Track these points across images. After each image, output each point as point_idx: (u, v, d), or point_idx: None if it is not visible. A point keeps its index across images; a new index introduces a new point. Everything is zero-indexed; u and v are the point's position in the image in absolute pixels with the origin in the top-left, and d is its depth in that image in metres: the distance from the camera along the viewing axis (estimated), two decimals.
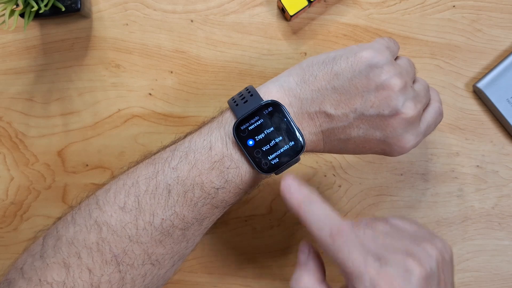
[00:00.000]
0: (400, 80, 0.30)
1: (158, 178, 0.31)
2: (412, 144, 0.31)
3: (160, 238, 0.31)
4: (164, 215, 0.30)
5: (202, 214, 0.32)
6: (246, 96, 0.31)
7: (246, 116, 0.30)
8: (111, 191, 0.32)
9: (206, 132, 0.32)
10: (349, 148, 0.32)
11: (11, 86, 0.42)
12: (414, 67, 0.34)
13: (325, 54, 0.32)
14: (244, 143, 0.30)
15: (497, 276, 0.43)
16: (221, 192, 0.31)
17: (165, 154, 0.32)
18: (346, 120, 0.30)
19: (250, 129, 0.30)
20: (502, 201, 0.43)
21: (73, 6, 0.38)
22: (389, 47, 0.32)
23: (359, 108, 0.30)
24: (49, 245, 0.31)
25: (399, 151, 0.31)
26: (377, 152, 0.32)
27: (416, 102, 0.31)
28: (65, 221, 0.32)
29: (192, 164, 0.31)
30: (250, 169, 0.31)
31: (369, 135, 0.31)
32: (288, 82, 0.32)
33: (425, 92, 0.33)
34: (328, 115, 0.30)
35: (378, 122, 0.30)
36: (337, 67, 0.30)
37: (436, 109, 0.33)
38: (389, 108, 0.30)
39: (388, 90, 0.29)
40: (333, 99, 0.30)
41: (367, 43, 0.32)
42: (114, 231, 0.30)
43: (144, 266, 0.31)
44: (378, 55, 0.30)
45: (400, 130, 0.30)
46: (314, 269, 0.30)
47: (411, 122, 0.30)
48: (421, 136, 0.32)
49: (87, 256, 0.30)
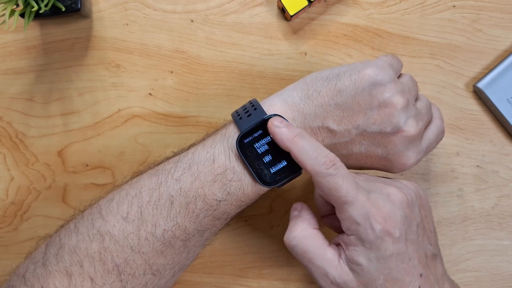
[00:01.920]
0: (403, 98, 0.30)
1: (161, 189, 0.31)
2: (413, 162, 0.32)
3: (162, 248, 0.31)
4: (166, 226, 0.31)
5: (203, 225, 0.32)
6: (249, 110, 0.32)
7: (249, 130, 0.31)
8: (114, 201, 0.32)
9: (209, 145, 0.32)
10: (350, 163, 0.33)
11: (11, 86, 0.42)
12: (417, 84, 0.34)
13: (329, 70, 0.32)
14: (247, 156, 0.31)
15: (497, 276, 0.43)
16: (223, 204, 0.31)
17: (168, 165, 0.32)
18: (348, 136, 0.31)
19: (253, 143, 0.31)
20: (502, 201, 0.43)
21: (73, 6, 0.38)
22: (392, 65, 0.32)
23: (361, 125, 0.30)
24: (52, 253, 0.31)
25: (400, 167, 0.32)
26: (378, 168, 0.33)
27: (418, 120, 0.31)
28: (68, 229, 0.32)
29: (195, 176, 0.31)
30: (253, 182, 0.31)
31: (370, 151, 0.31)
32: (292, 97, 0.32)
33: (427, 110, 0.33)
34: (330, 130, 0.31)
35: (380, 139, 0.31)
36: (341, 83, 0.31)
37: (437, 127, 0.34)
38: (391, 125, 0.30)
39: (390, 108, 0.30)
40: (336, 115, 0.31)
41: (371, 60, 0.32)
42: (117, 241, 0.30)
43: (145, 276, 0.31)
44: (381, 73, 0.30)
45: (401, 148, 0.31)
46: (308, 218, 0.31)
47: (413, 139, 0.31)
48: (422, 153, 0.32)
49: (89, 265, 0.30)
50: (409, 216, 0.28)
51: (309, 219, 0.31)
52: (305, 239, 0.29)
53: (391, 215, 0.27)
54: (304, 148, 0.29)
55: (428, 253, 0.29)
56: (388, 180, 0.31)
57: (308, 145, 0.29)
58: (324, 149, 0.29)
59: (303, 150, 0.29)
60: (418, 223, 0.29)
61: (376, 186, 0.29)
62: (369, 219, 0.27)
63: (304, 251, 0.29)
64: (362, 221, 0.27)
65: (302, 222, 0.30)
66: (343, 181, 0.28)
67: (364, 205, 0.27)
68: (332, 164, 0.28)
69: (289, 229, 0.31)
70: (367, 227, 0.27)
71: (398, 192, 0.29)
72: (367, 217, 0.27)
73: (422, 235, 0.29)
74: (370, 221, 0.27)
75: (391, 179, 0.32)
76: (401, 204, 0.28)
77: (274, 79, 0.43)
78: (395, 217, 0.27)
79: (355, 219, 0.27)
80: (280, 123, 0.30)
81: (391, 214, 0.27)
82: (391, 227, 0.27)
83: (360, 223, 0.27)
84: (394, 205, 0.28)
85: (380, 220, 0.27)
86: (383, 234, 0.27)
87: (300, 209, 0.31)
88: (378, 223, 0.27)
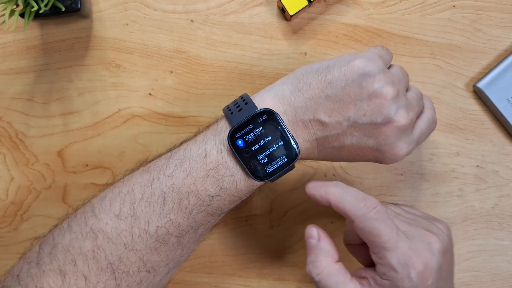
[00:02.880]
0: (393, 89, 0.30)
1: (153, 186, 0.31)
2: (405, 152, 0.32)
3: (155, 245, 0.31)
4: (159, 223, 0.31)
5: (197, 221, 0.32)
6: (240, 104, 0.32)
7: (241, 124, 0.31)
8: (107, 198, 0.32)
9: (201, 140, 0.32)
10: (342, 156, 0.33)
11: (11, 86, 0.42)
12: (407, 75, 0.34)
13: (319, 63, 0.32)
14: (238, 151, 0.31)
15: (497, 276, 0.43)
16: (216, 199, 0.31)
17: (160, 162, 0.32)
18: (339, 128, 0.31)
19: (245, 137, 0.31)
20: (502, 201, 0.43)
21: (73, 6, 0.38)
22: (381, 56, 0.32)
23: (352, 116, 0.30)
24: (45, 252, 0.31)
25: (392, 158, 0.32)
26: (370, 160, 0.33)
27: (409, 110, 0.31)
28: (61, 228, 0.32)
29: (187, 172, 0.31)
30: (245, 177, 0.31)
31: (362, 143, 0.31)
32: (282, 91, 0.32)
33: (418, 100, 0.33)
34: (322, 123, 0.31)
35: (371, 130, 0.30)
36: (331, 75, 0.31)
37: (429, 117, 0.33)
38: (382, 116, 0.30)
39: (380, 99, 0.30)
40: (327, 107, 0.31)
41: (360, 52, 0.32)
42: (110, 239, 0.30)
43: (140, 273, 0.31)
44: (371, 64, 0.30)
45: (392, 138, 0.31)
46: (328, 249, 0.31)
47: (404, 130, 0.31)
48: (414, 144, 0.32)
49: (82, 263, 0.30)
50: (443, 263, 0.29)
51: (331, 252, 0.31)
52: (329, 276, 0.30)
53: (429, 265, 0.28)
54: (342, 194, 0.30)
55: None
56: (426, 223, 0.32)
57: (347, 190, 0.30)
58: (363, 195, 0.30)
59: (341, 196, 0.30)
60: (448, 268, 0.30)
61: (418, 232, 0.30)
62: (408, 268, 0.28)
63: (326, 286, 0.30)
64: (401, 270, 0.28)
65: (325, 257, 0.31)
66: (385, 227, 0.28)
67: (405, 254, 0.28)
68: (373, 208, 0.29)
69: (312, 262, 0.31)
70: (405, 277, 0.28)
71: (438, 242, 0.30)
72: (407, 266, 0.28)
73: (450, 279, 0.30)
74: (409, 271, 0.28)
75: (429, 219, 0.33)
76: (439, 253, 0.29)
77: (274, 79, 0.43)
78: (432, 266, 0.28)
79: (395, 267, 0.28)
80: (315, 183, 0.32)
81: (430, 263, 0.28)
82: (427, 276, 0.28)
83: (398, 272, 0.28)
84: (433, 255, 0.29)
85: (419, 269, 0.28)
86: (418, 282, 0.28)
87: (317, 237, 0.32)
88: (417, 274, 0.28)
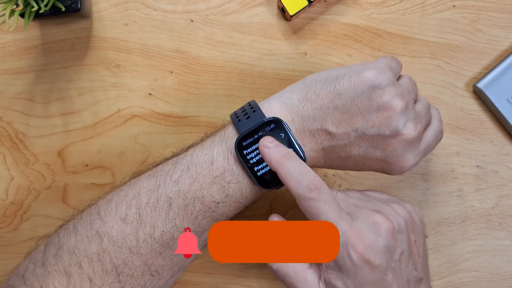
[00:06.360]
0: (402, 101, 0.30)
1: (159, 191, 0.31)
2: (412, 164, 0.32)
3: (160, 250, 0.31)
4: (164, 228, 0.31)
5: (202, 227, 0.32)
6: (248, 112, 0.32)
7: (248, 132, 0.31)
8: (113, 202, 0.32)
9: (208, 146, 0.32)
10: (349, 165, 0.33)
11: (11, 86, 0.42)
12: (416, 86, 0.34)
13: (328, 71, 0.32)
14: (245, 158, 0.31)
15: (497, 276, 0.43)
16: (221, 206, 0.31)
17: (166, 167, 0.32)
18: (347, 138, 0.31)
19: (252, 145, 0.31)
20: (502, 201, 0.43)
21: (73, 6, 0.38)
22: (391, 67, 0.32)
23: (360, 128, 0.30)
24: (51, 253, 0.31)
25: (398, 170, 0.32)
26: (376, 170, 0.33)
27: (417, 123, 0.31)
28: (67, 230, 0.32)
29: (193, 178, 0.31)
30: (251, 184, 0.31)
31: (369, 154, 0.31)
32: (291, 99, 0.32)
33: (426, 111, 0.33)
34: (329, 133, 0.31)
35: (379, 141, 0.30)
36: (340, 86, 0.31)
37: (436, 128, 0.33)
38: (390, 128, 0.30)
39: (389, 111, 0.30)
40: (335, 117, 0.30)
41: (370, 63, 0.32)
42: (115, 242, 0.30)
43: (144, 276, 0.31)
44: (381, 76, 0.30)
45: (400, 150, 0.31)
46: None
47: (412, 142, 0.31)
48: (421, 155, 0.32)
49: (88, 265, 0.30)
50: (393, 244, 0.28)
51: None
52: (287, 265, 0.29)
53: (373, 245, 0.27)
54: (289, 170, 0.29)
55: (411, 278, 0.29)
56: (379, 204, 0.31)
57: (295, 167, 0.29)
58: (310, 173, 0.29)
59: (288, 172, 0.29)
60: (403, 250, 0.29)
61: (363, 212, 0.29)
62: (347, 247, 0.27)
63: (285, 275, 0.29)
64: (341, 249, 0.27)
65: None
66: (325, 207, 0.28)
67: (345, 233, 0.27)
68: (315, 188, 0.28)
69: None
70: (344, 255, 0.27)
71: (385, 221, 0.29)
72: (345, 245, 0.27)
73: (406, 261, 0.29)
74: (348, 249, 0.27)
75: (384, 200, 0.32)
76: (386, 234, 0.28)
77: (274, 79, 0.43)
78: (377, 246, 0.27)
79: None
80: (270, 143, 0.30)
81: (373, 244, 0.27)
82: (371, 256, 0.27)
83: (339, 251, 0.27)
84: (378, 235, 0.28)
85: (359, 250, 0.27)
86: (361, 263, 0.27)
87: None
88: (356, 252, 0.27)
